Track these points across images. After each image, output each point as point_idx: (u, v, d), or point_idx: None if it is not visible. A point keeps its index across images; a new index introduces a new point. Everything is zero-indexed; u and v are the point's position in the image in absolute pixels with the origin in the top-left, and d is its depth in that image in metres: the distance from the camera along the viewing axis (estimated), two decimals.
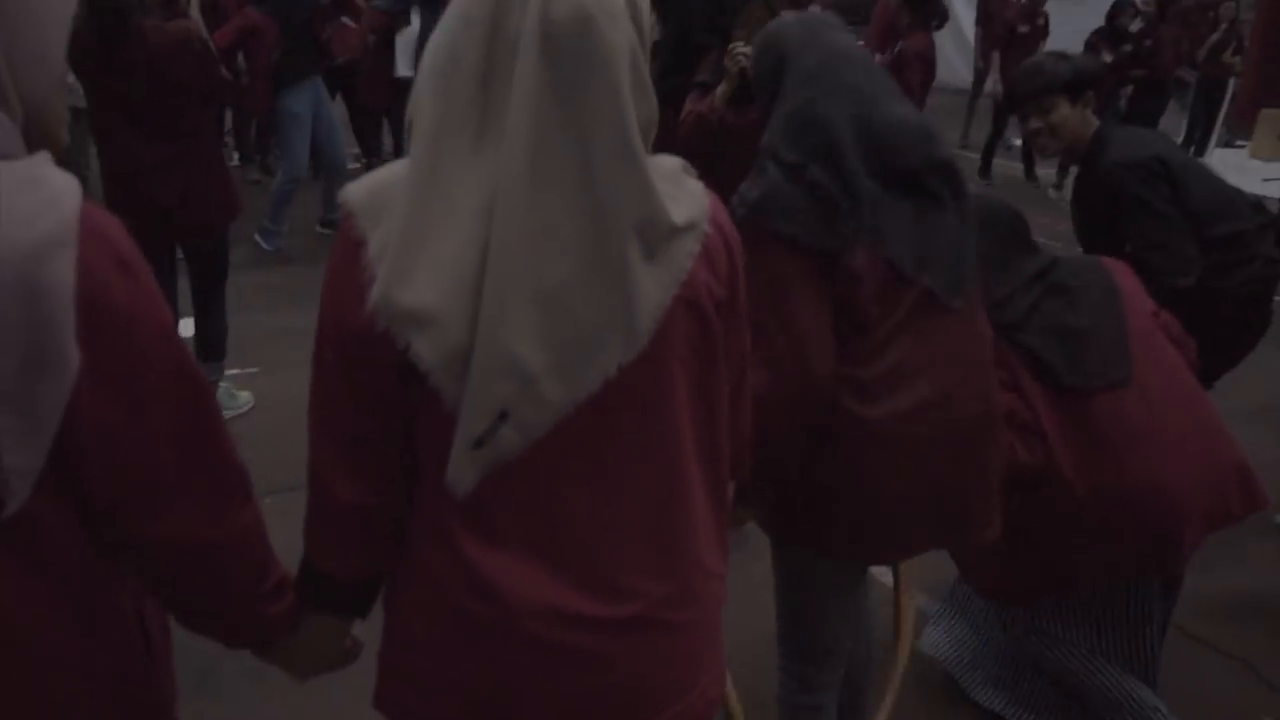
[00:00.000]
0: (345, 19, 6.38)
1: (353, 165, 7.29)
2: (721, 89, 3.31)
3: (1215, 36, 9.61)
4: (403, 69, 6.51)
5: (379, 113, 7.44)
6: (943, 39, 8.17)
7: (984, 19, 9.47)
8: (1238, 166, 9.51)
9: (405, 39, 6.52)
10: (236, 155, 8.01)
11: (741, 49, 3.23)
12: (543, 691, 1.17)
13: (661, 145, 1.17)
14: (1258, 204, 2.85)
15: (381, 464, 1.17)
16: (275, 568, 1.19)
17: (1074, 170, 2.94)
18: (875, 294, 1.70)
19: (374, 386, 1.12)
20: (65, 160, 1.04)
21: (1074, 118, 2.74)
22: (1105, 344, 2.20)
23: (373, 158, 8.34)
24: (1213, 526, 2.21)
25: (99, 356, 0.94)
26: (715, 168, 1.83)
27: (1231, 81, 9.97)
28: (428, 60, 1.08)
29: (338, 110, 6.79)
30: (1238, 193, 2.80)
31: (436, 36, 1.09)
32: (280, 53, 5.84)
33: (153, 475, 1.02)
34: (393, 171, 1.12)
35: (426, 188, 1.04)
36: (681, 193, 1.16)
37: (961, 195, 1.80)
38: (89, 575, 1.06)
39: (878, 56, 8.05)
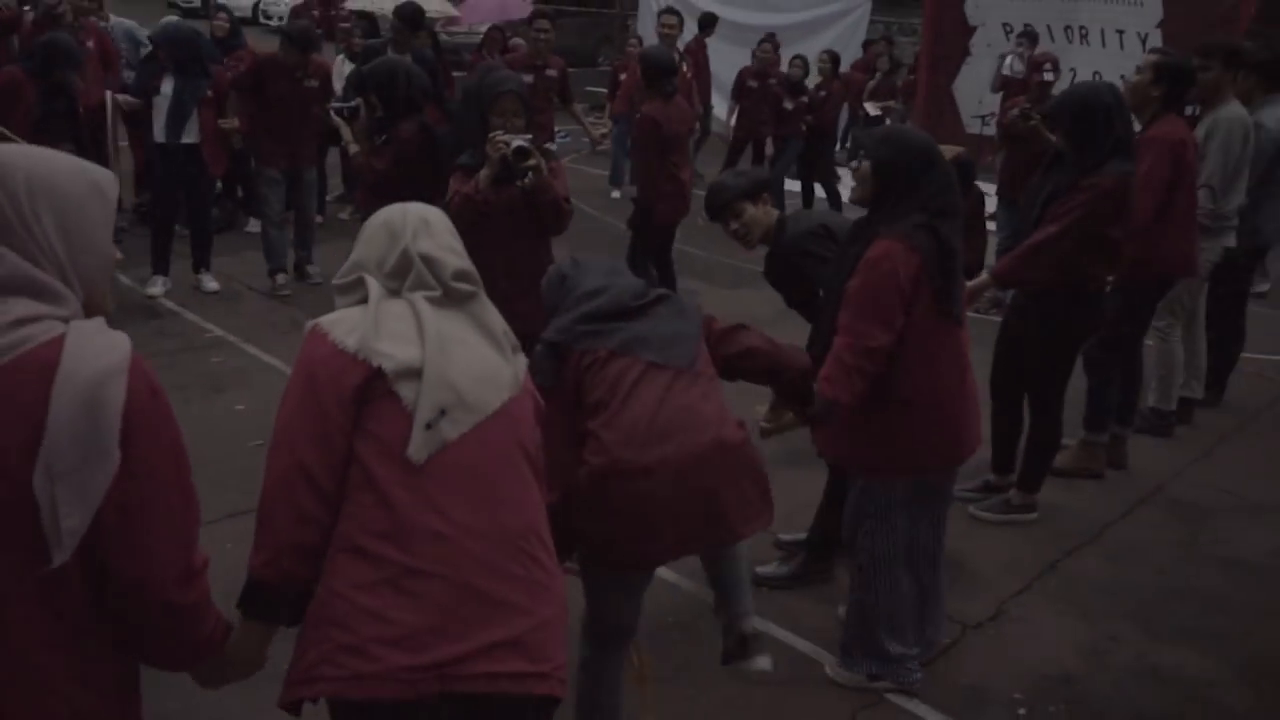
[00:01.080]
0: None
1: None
2: (485, 172, 3.72)
3: (873, 83, 11.26)
4: (158, 134, 6.40)
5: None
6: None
7: (695, 74, 10.56)
8: None
9: (159, 106, 6.41)
10: None
11: (501, 137, 3.68)
12: (472, 633, 1.64)
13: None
14: None
15: (319, 489, 1.67)
16: (216, 611, 1.58)
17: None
18: (602, 381, 2.36)
19: (331, 415, 1.67)
20: None
21: (758, 214, 3.52)
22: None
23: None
24: None
25: (130, 455, 1.35)
26: (481, 238, 2.36)
27: (888, 121, 11.64)
28: (362, 260, 1.85)
29: None
30: None
31: (362, 250, 1.85)
32: (37, 115, 5.77)
33: (149, 544, 1.41)
34: (346, 311, 1.79)
35: (377, 309, 1.73)
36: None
37: (666, 300, 2.58)
38: (90, 623, 1.43)
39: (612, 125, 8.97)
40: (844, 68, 11.84)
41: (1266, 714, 3.23)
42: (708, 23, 11.68)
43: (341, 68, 8.07)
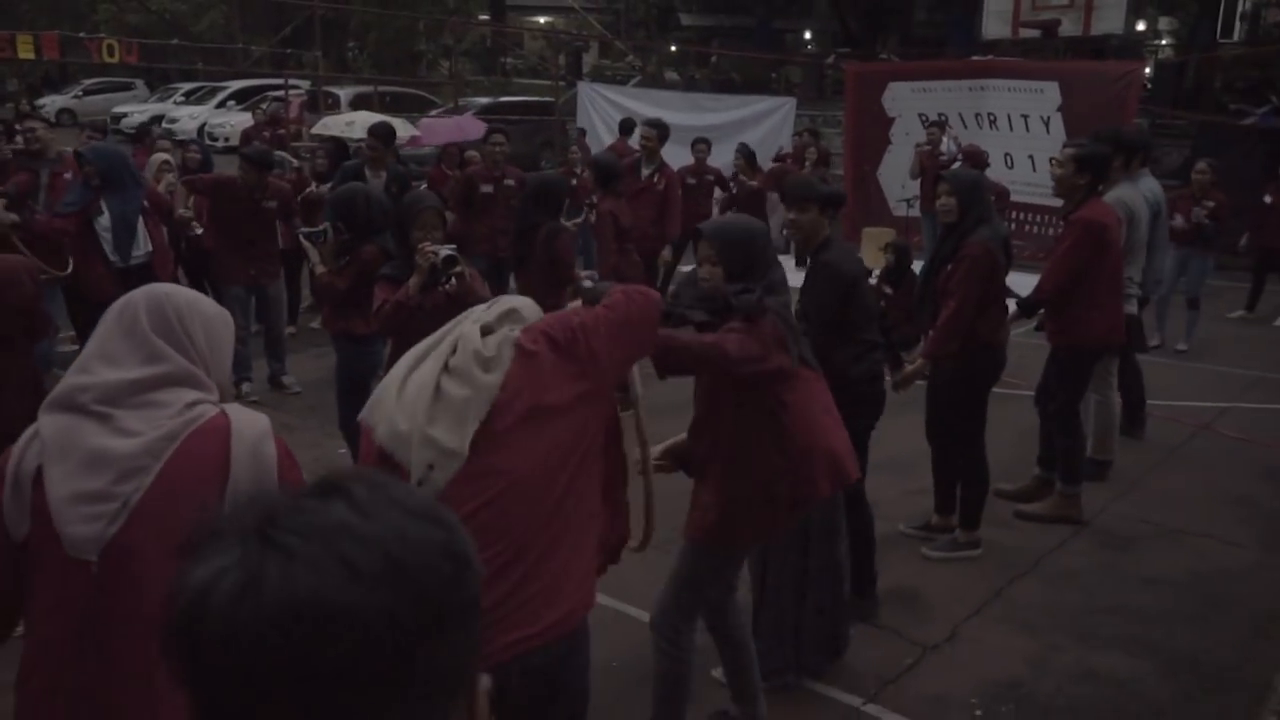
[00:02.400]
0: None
1: (70, 348, 7.47)
2: (414, 280, 4.13)
3: (805, 173, 12.08)
4: (108, 254, 6.65)
5: (102, 304, 7.36)
6: None
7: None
8: None
9: (102, 227, 6.68)
10: None
11: (430, 247, 4.14)
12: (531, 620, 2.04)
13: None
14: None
15: None
16: None
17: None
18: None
19: None
20: None
21: (818, 221, 3.93)
22: None
23: (83, 338, 8.45)
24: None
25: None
26: (411, 339, 2.74)
27: None
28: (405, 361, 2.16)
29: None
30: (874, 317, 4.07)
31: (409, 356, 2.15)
32: None
33: None
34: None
35: (399, 384, 2.11)
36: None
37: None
38: None
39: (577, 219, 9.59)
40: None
41: (1185, 700, 3.72)
42: (628, 127, 12.44)
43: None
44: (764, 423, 3.06)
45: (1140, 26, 31.55)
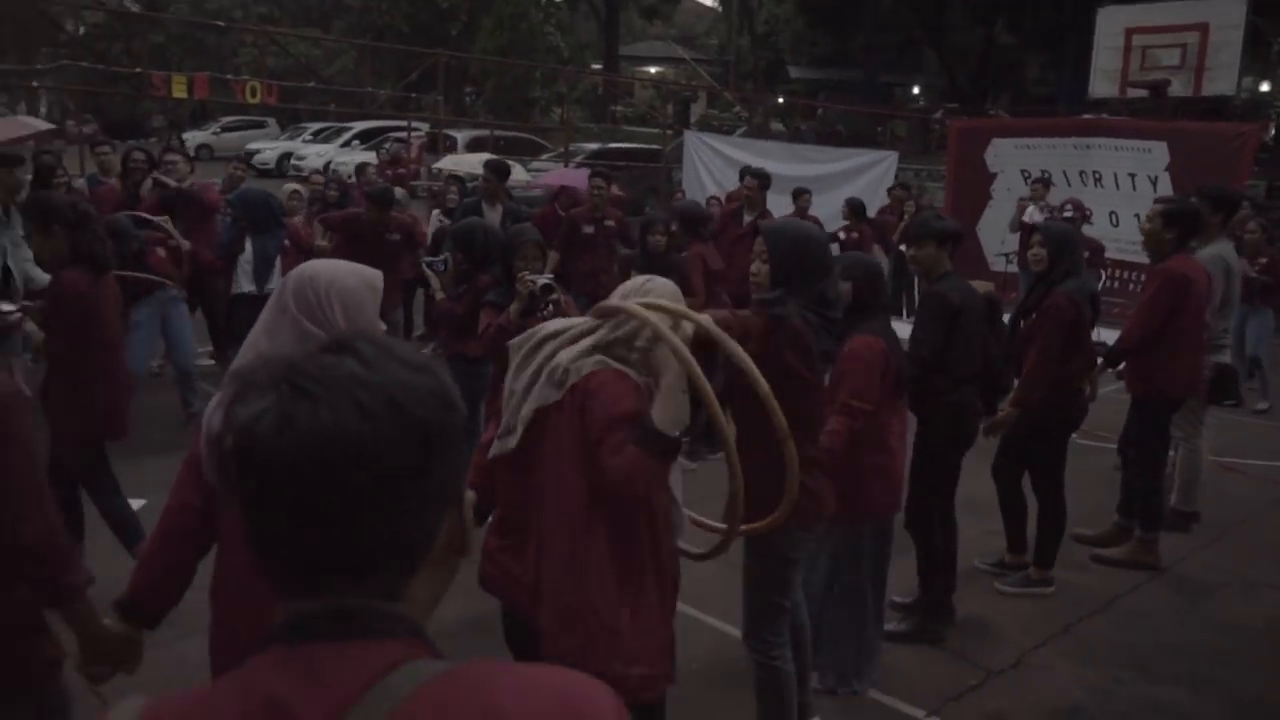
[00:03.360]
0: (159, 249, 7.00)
1: (207, 362, 8.22)
2: (515, 306, 4.47)
3: (903, 225, 12.22)
4: (245, 285, 7.50)
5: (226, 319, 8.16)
6: None
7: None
8: None
9: (244, 260, 7.54)
10: None
11: (529, 276, 4.47)
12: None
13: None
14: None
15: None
16: None
17: None
18: None
19: None
20: None
21: (936, 255, 4.20)
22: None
23: (221, 354, 9.20)
24: None
25: None
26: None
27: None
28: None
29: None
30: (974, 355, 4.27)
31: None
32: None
33: None
34: None
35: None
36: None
37: None
38: None
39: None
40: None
41: None
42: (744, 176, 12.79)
43: (435, 222, 9.25)
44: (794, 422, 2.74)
45: (1264, 87, 30.85)
